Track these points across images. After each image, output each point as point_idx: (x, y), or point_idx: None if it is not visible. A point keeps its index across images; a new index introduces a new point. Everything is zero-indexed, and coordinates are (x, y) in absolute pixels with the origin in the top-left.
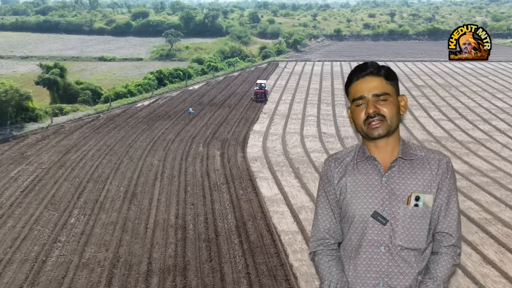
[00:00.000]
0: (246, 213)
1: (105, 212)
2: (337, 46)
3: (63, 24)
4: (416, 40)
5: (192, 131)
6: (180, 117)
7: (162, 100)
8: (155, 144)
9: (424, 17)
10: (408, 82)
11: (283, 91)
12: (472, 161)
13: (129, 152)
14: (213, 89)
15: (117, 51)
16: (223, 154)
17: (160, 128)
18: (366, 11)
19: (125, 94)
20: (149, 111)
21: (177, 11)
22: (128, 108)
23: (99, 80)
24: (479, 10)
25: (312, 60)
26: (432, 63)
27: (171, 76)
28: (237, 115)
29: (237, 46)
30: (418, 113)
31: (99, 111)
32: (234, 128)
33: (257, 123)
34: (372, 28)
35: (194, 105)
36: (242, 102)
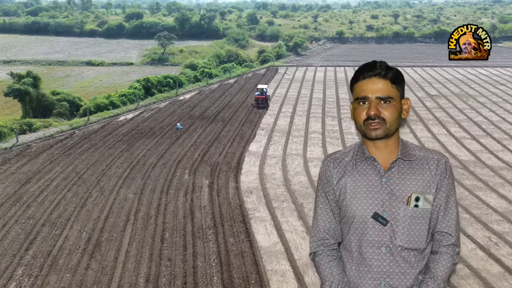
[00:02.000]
0: (237, 273)
1: (57, 272)
2: (339, 49)
3: (53, 25)
4: (422, 43)
5: (178, 152)
6: (166, 133)
7: (148, 113)
8: (133, 170)
9: (429, 19)
10: (420, 91)
11: (283, 102)
12: (510, 195)
13: (100, 182)
14: (206, 99)
15: (106, 55)
16: (212, 184)
17: (142, 148)
18: (368, 12)
19: (107, 106)
20: (132, 126)
21: (173, 12)
22: (109, 123)
23: (84, 87)
24: (484, 12)
25: (314, 65)
26: (443, 68)
27: (159, 85)
28: (231, 131)
29: (234, 50)
30: (436, 130)
31: (74, 127)
32: (227, 148)
33: (253, 141)
34: (376, 30)
35: (184, 119)
36: (238, 114)
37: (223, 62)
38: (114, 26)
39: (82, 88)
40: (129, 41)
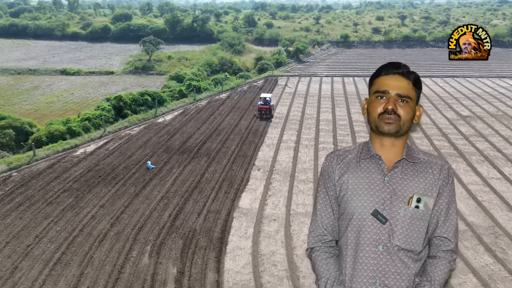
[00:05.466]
0: None
1: None
2: (345, 55)
3: (32, 28)
4: (435, 47)
5: (141, 211)
6: (132, 177)
7: (115, 143)
8: (70, 248)
9: (438, 20)
10: (449, 111)
11: (285, 125)
12: None
13: (14, 275)
14: (191, 122)
15: (86, 62)
16: (182, 275)
17: (94, 203)
18: (373, 13)
19: (63, 134)
20: (89, 165)
21: (165, 13)
22: (61, 159)
23: (50, 103)
24: (494, 13)
25: (319, 74)
26: (466, 79)
27: (135, 104)
28: (218, 172)
29: (228, 57)
30: (485, 171)
31: (13, 166)
32: (209, 203)
33: (246, 190)
34: (384, 33)
35: (158, 153)
36: (228, 145)
37: (215, 72)
38: (99, 28)
39: (47, 105)
40: (114, 46)
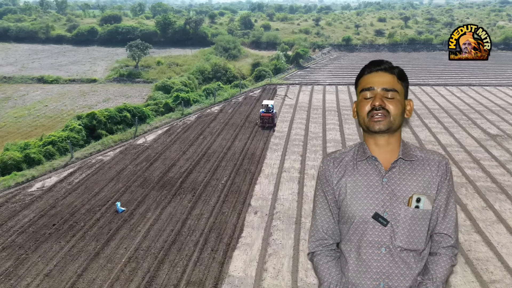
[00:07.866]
0: None
1: None
2: (348, 59)
3: (13, 30)
4: (443, 51)
5: (97, 284)
6: (95, 225)
7: (81, 173)
8: None
9: (442, 22)
10: (475, 129)
11: (286, 147)
12: None
13: None
14: (176, 143)
15: (68, 68)
16: None
17: (37, 270)
18: (374, 14)
19: (19, 163)
20: (44, 208)
21: (158, 14)
22: (11, 198)
23: (19, 117)
24: (498, 13)
25: (321, 82)
26: (483, 87)
27: (111, 122)
28: (205, 215)
29: (222, 63)
30: None
31: None
32: (190, 268)
33: (239, 246)
34: (388, 36)
35: (134, 186)
36: (219, 175)
37: (207, 80)
38: (85, 31)
39: (15, 120)
40: (100, 49)
